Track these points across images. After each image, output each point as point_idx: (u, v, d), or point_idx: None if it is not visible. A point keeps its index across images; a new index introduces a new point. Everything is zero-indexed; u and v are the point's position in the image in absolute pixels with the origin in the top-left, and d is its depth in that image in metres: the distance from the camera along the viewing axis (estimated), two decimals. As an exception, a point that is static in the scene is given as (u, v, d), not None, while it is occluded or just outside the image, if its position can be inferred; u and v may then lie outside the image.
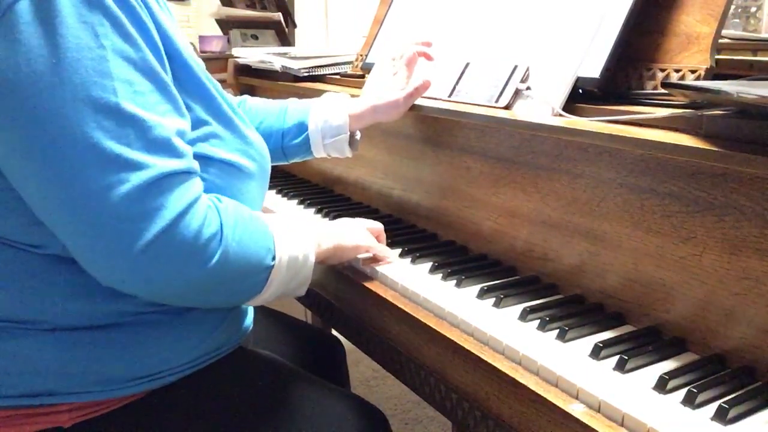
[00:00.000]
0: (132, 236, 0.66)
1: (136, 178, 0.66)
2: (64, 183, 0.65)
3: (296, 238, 0.83)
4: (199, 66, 0.80)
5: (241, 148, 0.83)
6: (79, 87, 0.65)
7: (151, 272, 0.69)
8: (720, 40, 0.91)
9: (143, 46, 0.70)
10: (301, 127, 1.13)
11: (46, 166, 0.65)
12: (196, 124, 0.78)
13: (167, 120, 0.71)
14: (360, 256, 1.00)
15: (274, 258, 0.79)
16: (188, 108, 0.77)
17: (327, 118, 1.12)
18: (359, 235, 0.98)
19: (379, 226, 1.03)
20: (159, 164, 0.68)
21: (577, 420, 0.65)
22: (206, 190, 0.76)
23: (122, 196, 0.66)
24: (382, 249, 1.01)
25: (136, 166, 0.67)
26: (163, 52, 0.73)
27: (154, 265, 0.68)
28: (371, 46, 1.43)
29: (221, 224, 0.73)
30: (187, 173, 0.72)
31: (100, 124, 0.65)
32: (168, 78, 0.73)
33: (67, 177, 0.65)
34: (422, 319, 0.86)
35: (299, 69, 1.59)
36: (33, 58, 0.64)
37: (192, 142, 0.76)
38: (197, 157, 0.76)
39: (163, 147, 0.69)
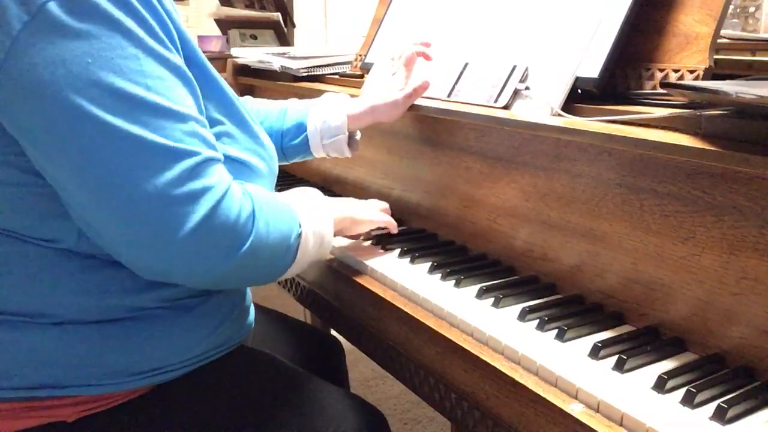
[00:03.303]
0: (178, 220, 0.68)
1: (177, 166, 0.68)
2: (108, 176, 0.66)
3: (316, 210, 0.87)
4: (212, 66, 0.82)
5: (252, 148, 0.85)
6: (114, 84, 0.66)
7: (196, 256, 0.70)
8: (719, 40, 0.91)
9: (169, 44, 0.72)
10: (300, 128, 1.14)
11: (88, 164, 0.66)
12: (210, 122, 0.80)
13: (193, 113, 0.73)
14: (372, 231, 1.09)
15: (300, 231, 0.82)
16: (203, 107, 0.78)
17: (325, 119, 1.12)
18: (373, 212, 1.05)
19: (386, 205, 1.11)
20: (197, 152, 0.70)
21: (576, 420, 0.65)
22: None
23: (166, 183, 0.67)
24: (393, 223, 1.09)
25: (177, 155, 0.68)
26: (181, 52, 0.75)
27: (199, 249, 0.70)
28: (370, 46, 1.43)
29: (253, 204, 0.75)
30: (219, 160, 0.74)
31: (137, 118, 0.67)
32: (191, 76, 0.75)
33: (110, 172, 0.66)
34: (421, 319, 0.86)
35: (298, 69, 1.59)
36: (68, 59, 0.65)
37: None
38: None
39: (197, 137, 0.71)
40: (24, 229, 0.74)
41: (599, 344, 0.73)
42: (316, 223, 0.86)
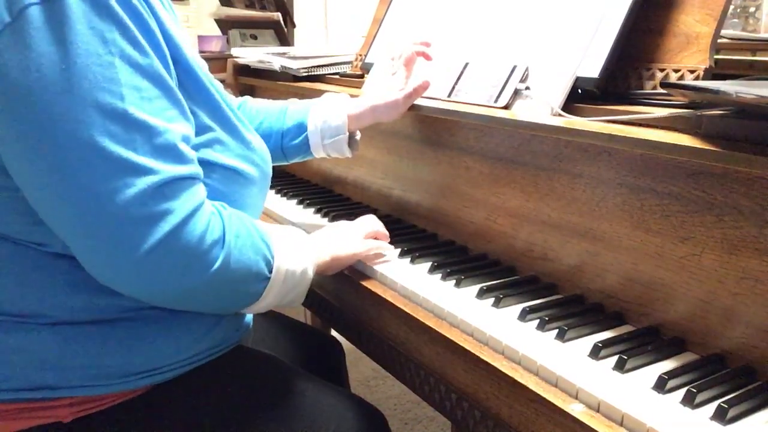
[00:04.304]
0: (136, 240, 0.67)
1: (141, 183, 0.67)
2: (71, 187, 0.66)
3: (296, 253, 0.84)
4: (203, 71, 0.81)
5: (243, 154, 0.84)
6: (87, 93, 0.65)
7: (153, 276, 0.69)
8: (719, 40, 0.91)
9: (150, 52, 0.71)
10: (301, 128, 1.13)
11: (53, 170, 0.66)
12: (200, 129, 0.79)
13: (173, 125, 0.71)
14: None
15: (271, 270, 0.80)
16: (192, 114, 0.78)
17: (326, 119, 1.12)
18: (355, 243, 0.99)
19: (375, 228, 1.03)
20: (165, 169, 0.69)
21: (576, 420, 0.65)
22: (208, 196, 0.77)
23: (127, 200, 0.66)
24: (380, 249, 1.01)
25: (143, 171, 0.67)
26: (169, 58, 0.74)
27: (157, 269, 0.69)
28: (370, 46, 1.43)
29: (224, 231, 0.74)
30: (192, 179, 0.72)
31: (107, 129, 0.66)
32: (174, 84, 0.74)
33: (73, 181, 0.66)
34: (422, 319, 0.86)
35: (298, 69, 1.59)
36: (43, 64, 0.65)
37: (195, 148, 0.77)
38: (200, 162, 0.77)
39: (170, 152, 0.70)
40: (14, 232, 0.74)
41: (599, 344, 0.73)
42: (293, 262, 0.83)
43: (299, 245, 0.86)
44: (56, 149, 0.65)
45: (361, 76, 1.47)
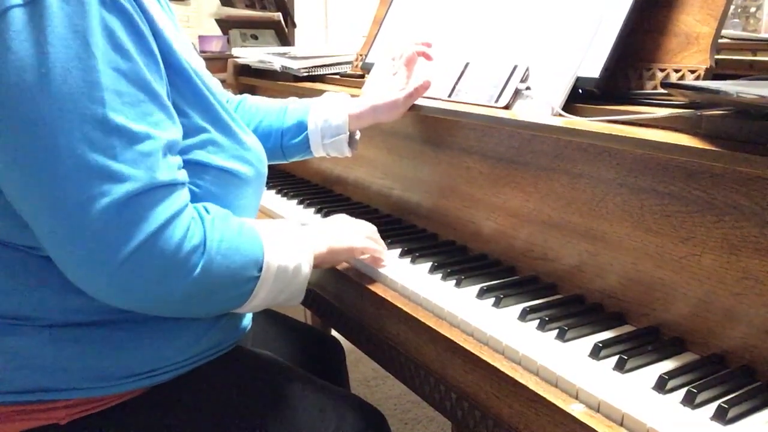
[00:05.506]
0: (112, 247, 0.66)
1: (119, 190, 0.66)
2: (48, 192, 0.65)
3: (289, 248, 0.82)
4: (197, 72, 0.79)
5: (238, 155, 0.83)
6: (67, 97, 0.64)
7: (131, 283, 0.68)
8: (720, 40, 0.91)
9: (135, 55, 0.69)
10: (301, 127, 1.13)
11: (31, 175, 0.65)
12: (194, 131, 0.78)
13: (157, 131, 0.70)
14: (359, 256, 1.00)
15: (260, 269, 0.78)
16: (186, 115, 0.77)
17: (327, 118, 1.12)
18: (353, 237, 0.96)
19: (372, 230, 1.01)
20: (144, 177, 0.68)
21: (576, 420, 0.65)
22: (201, 197, 0.76)
23: (104, 208, 0.65)
24: (377, 249, 0.99)
25: (120, 178, 0.66)
26: (159, 60, 0.73)
27: (134, 277, 0.68)
28: (371, 46, 1.43)
29: (205, 236, 0.73)
30: (172, 185, 0.71)
31: (86, 135, 0.65)
32: (161, 87, 0.72)
33: (51, 187, 0.65)
34: (422, 319, 0.86)
35: (299, 69, 1.59)
36: (22, 67, 0.64)
37: (188, 149, 0.76)
38: (193, 164, 0.76)
39: (150, 159, 0.69)
40: (5, 235, 0.73)
41: (600, 344, 0.73)
42: (286, 258, 0.80)
43: (294, 240, 0.83)
44: (34, 155, 0.64)
45: (362, 76, 1.47)
